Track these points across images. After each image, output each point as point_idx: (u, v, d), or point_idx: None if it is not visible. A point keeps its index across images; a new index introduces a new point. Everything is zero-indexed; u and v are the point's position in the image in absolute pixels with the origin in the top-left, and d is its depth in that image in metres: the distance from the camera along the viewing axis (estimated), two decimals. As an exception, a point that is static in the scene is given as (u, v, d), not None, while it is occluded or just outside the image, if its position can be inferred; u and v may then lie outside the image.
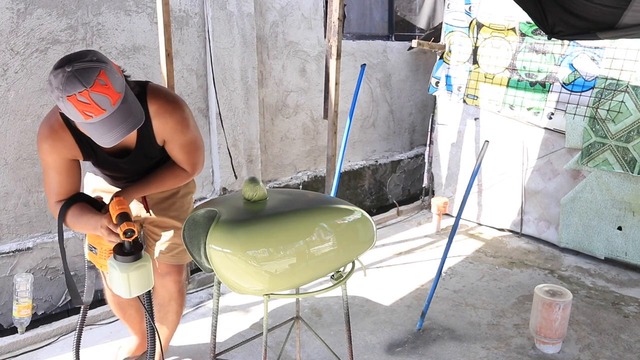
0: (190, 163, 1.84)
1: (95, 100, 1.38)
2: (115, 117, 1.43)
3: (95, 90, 1.37)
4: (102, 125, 1.43)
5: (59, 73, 1.38)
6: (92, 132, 1.45)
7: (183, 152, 1.81)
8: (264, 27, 3.69)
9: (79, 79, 1.36)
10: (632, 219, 3.39)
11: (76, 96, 1.37)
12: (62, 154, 1.64)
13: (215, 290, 1.76)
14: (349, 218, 1.56)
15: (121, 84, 1.46)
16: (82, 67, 1.38)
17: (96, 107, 1.39)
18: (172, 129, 1.73)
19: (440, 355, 2.51)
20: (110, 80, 1.41)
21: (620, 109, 3.30)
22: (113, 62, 1.50)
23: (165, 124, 1.72)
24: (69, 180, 1.69)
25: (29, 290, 2.58)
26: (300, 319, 2.06)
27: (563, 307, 2.44)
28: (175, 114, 1.72)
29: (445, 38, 4.20)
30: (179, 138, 1.76)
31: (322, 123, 4.22)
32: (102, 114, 1.40)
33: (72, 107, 1.39)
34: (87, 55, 1.42)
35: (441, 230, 4.15)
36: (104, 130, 1.43)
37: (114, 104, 1.42)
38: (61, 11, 2.74)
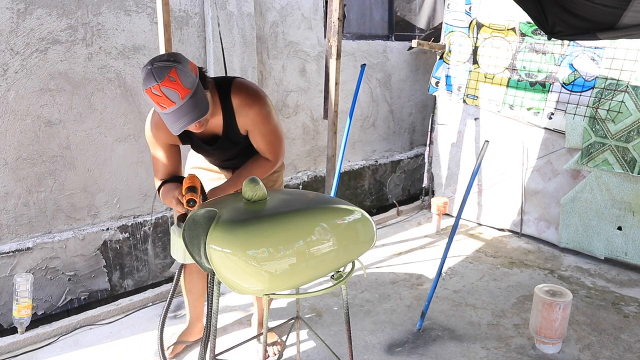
0: (272, 152, 2.04)
1: (165, 93, 1.62)
2: (183, 109, 1.66)
3: (165, 85, 1.61)
4: (173, 115, 1.66)
5: (144, 70, 1.64)
6: (166, 121, 1.70)
7: (264, 142, 2.01)
8: (264, 27, 3.69)
9: (154, 75, 1.61)
10: (632, 219, 3.39)
11: (151, 89, 1.62)
12: (164, 140, 1.94)
13: (215, 290, 1.76)
14: (349, 218, 1.56)
15: (192, 82, 1.67)
16: (159, 66, 1.62)
17: (166, 100, 1.63)
18: (253, 120, 1.95)
19: (440, 355, 2.51)
20: (180, 77, 1.63)
21: (620, 109, 3.30)
22: (192, 62, 1.73)
23: (246, 115, 1.93)
24: (170, 162, 1.98)
25: (29, 290, 2.58)
26: (300, 319, 2.06)
27: (563, 307, 2.44)
28: (255, 107, 1.93)
29: (445, 38, 4.20)
30: (259, 128, 1.97)
31: (322, 123, 4.22)
32: (172, 106, 1.64)
33: (149, 98, 1.65)
34: (169, 56, 1.67)
35: (441, 230, 4.15)
36: (174, 119, 1.67)
37: (182, 98, 1.64)
38: (61, 11, 2.74)
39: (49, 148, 2.83)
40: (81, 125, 2.92)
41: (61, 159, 2.88)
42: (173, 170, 1.99)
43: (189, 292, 2.44)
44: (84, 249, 3.00)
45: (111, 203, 3.12)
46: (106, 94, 2.98)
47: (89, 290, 3.08)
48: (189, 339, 2.51)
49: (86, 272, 3.04)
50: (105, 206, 3.10)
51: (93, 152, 2.99)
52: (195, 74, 1.72)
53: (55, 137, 2.84)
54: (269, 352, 2.49)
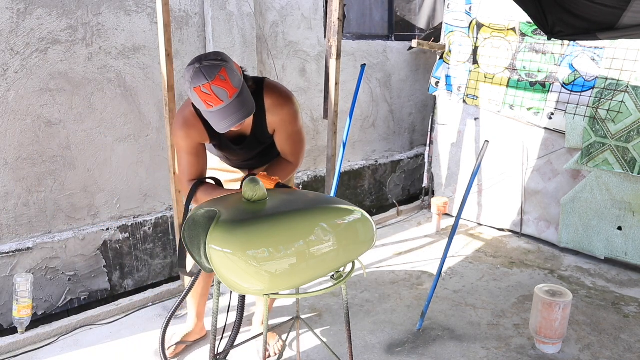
0: (295, 153, 2.08)
1: (215, 92, 1.63)
2: (230, 108, 1.67)
3: (216, 84, 1.62)
4: (220, 113, 1.67)
5: (191, 68, 1.65)
6: (211, 119, 1.70)
7: (289, 142, 2.04)
8: (264, 27, 3.69)
9: (204, 73, 1.62)
10: (632, 219, 3.39)
11: (200, 88, 1.63)
12: (194, 139, 1.92)
13: (215, 290, 1.76)
14: (349, 218, 1.56)
15: (239, 81, 1.69)
16: (208, 65, 1.64)
17: (215, 98, 1.64)
18: (282, 120, 1.97)
19: (440, 355, 2.51)
20: (229, 76, 1.65)
21: (620, 109, 3.30)
22: (235, 63, 1.74)
23: (277, 115, 1.96)
24: (199, 161, 1.96)
25: (29, 290, 2.58)
26: (300, 319, 2.06)
27: (563, 307, 2.44)
28: (286, 107, 1.96)
29: (445, 38, 4.20)
30: (287, 129, 2.00)
31: (322, 123, 4.22)
32: (220, 104, 1.65)
33: (197, 96, 1.65)
34: (216, 55, 1.69)
35: (441, 230, 4.15)
36: (221, 118, 1.68)
37: (230, 97, 1.65)
38: (61, 11, 2.74)
39: (49, 148, 2.83)
40: (81, 125, 2.92)
41: (61, 159, 2.88)
42: (203, 170, 1.99)
43: (192, 291, 2.44)
44: (84, 249, 3.00)
45: (111, 203, 3.12)
46: (106, 94, 2.98)
47: (89, 290, 3.08)
48: (190, 339, 2.51)
49: (86, 272, 3.04)
50: (105, 206, 3.10)
51: (93, 152, 2.99)
52: (241, 74, 1.74)
53: (55, 137, 2.84)
54: (270, 352, 2.50)
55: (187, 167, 1.95)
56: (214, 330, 1.81)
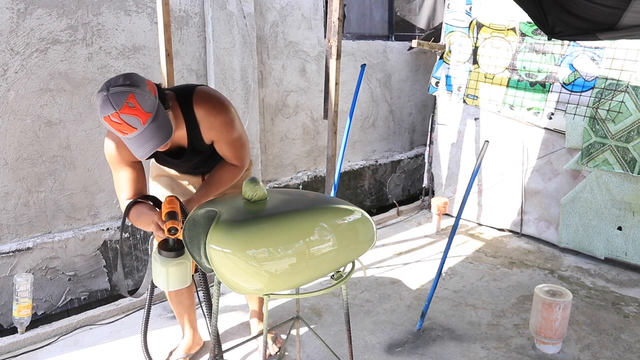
0: (238, 157, 2.02)
1: (125, 120, 1.55)
2: (146, 134, 1.60)
3: (125, 112, 1.54)
4: (137, 140, 1.60)
5: (99, 96, 1.56)
6: (129, 145, 1.63)
7: (230, 149, 1.98)
8: (264, 27, 3.69)
9: (111, 102, 1.53)
10: (632, 219, 3.39)
11: (110, 117, 1.55)
12: (127, 158, 1.83)
13: (215, 290, 1.76)
14: (349, 218, 1.56)
15: (151, 105, 1.60)
16: (115, 92, 1.54)
17: (127, 126, 1.56)
18: (218, 130, 1.90)
19: (440, 355, 2.51)
20: (139, 102, 1.56)
21: (620, 109, 3.30)
22: (149, 82, 1.65)
23: (211, 127, 1.88)
24: (135, 180, 1.88)
25: (29, 290, 2.58)
26: (300, 319, 2.06)
27: (563, 307, 2.44)
28: (219, 117, 1.88)
29: (445, 38, 4.20)
30: (225, 137, 1.93)
31: (322, 123, 4.22)
32: (134, 132, 1.58)
33: (109, 125, 1.58)
34: (125, 79, 1.59)
35: (441, 230, 4.15)
36: (138, 145, 1.61)
37: (144, 123, 1.58)
38: (61, 11, 2.74)
39: (49, 148, 2.83)
40: (81, 125, 2.92)
41: (61, 159, 2.88)
42: (139, 188, 1.89)
43: (178, 303, 2.36)
44: (84, 249, 3.00)
45: (111, 203, 3.12)
46: (106, 94, 2.98)
47: (89, 290, 3.08)
48: (192, 352, 2.45)
49: (86, 272, 3.04)
50: (105, 206, 3.10)
51: (93, 152, 2.99)
52: (155, 95, 1.64)
53: (55, 137, 2.84)
54: (269, 351, 2.50)
55: (124, 185, 1.87)
56: (214, 330, 1.81)
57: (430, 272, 3.39)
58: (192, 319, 2.45)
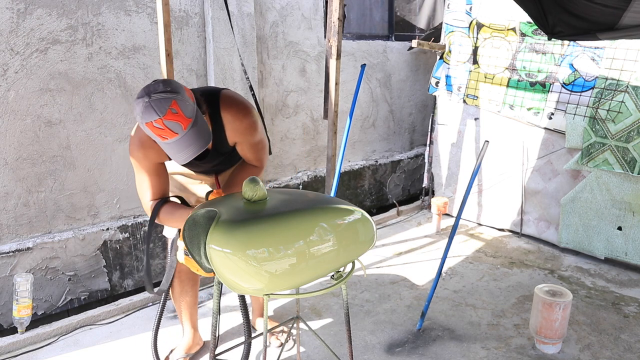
0: (259, 159, 2.08)
1: (168, 126, 1.59)
2: (186, 139, 1.63)
3: (168, 118, 1.58)
4: (177, 145, 1.64)
5: (140, 102, 1.59)
6: (168, 151, 1.67)
7: (252, 151, 2.04)
8: (264, 27, 3.69)
9: (154, 108, 1.57)
10: (632, 219, 3.39)
11: (152, 123, 1.59)
12: (153, 159, 1.86)
13: (216, 290, 1.76)
14: (349, 218, 1.56)
15: (192, 110, 1.65)
16: (158, 98, 1.58)
17: (169, 132, 1.60)
18: (242, 133, 1.96)
19: (440, 355, 2.51)
20: (181, 108, 1.60)
21: (620, 109, 3.30)
22: (186, 88, 1.70)
23: (236, 129, 1.94)
24: (160, 181, 1.91)
25: (29, 290, 2.58)
26: (300, 319, 2.06)
27: (563, 307, 2.44)
28: (245, 120, 1.94)
29: (445, 38, 4.20)
30: (248, 140, 1.99)
31: (322, 123, 4.22)
32: (175, 137, 1.62)
33: (150, 131, 1.62)
34: (164, 85, 1.63)
35: (441, 230, 4.15)
36: (178, 149, 1.65)
37: (185, 128, 1.62)
38: (61, 11, 2.74)
39: (49, 148, 2.83)
40: (81, 125, 2.92)
41: (61, 159, 2.88)
42: (164, 190, 1.92)
43: (182, 302, 2.38)
44: (84, 249, 3.00)
45: (111, 203, 3.12)
46: (106, 94, 2.98)
47: (89, 290, 3.08)
48: (191, 352, 2.46)
49: (86, 272, 3.04)
50: (105, 206, 3.10)
51: (93, 152, 2.99)
52: (193, 101, 1.68)
53: (55, 137, 2.84)
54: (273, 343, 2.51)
55: (148, 187, 1.89)
56: (214, 330, 1.81)
57: (430, 272, 3.39)
58: (194, 318, 2.46)
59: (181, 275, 2.30)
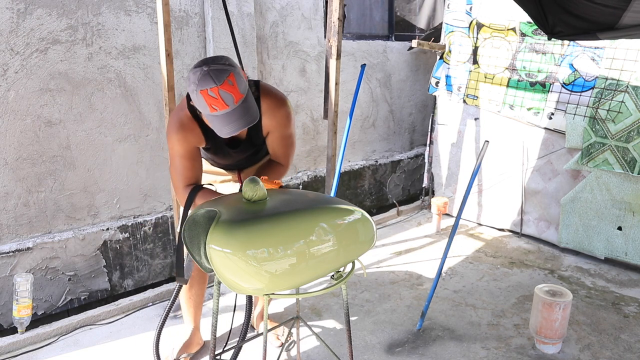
0: (286, 156, 2.09)
1: (222, 96, 1.64)
2: (235, 113, 1.67)
3: (224, 88, 1.63)
4: (224, 118, 1.67)
5: (198, 71, 1.65)
6: (214, 123, 1.70)
7: (282, 145, 2.05)
8: (264, 27, 3.69)
9: (212, 77, 1.63)
10: (632, 219, 3.39)
11: (207, 91, 1.63)
12: (191, 142, 1.89)
13: (215, 290, 1.76)
14: (349, 218, 1.56)
15: (245, 87, 1.70)
16: (217, 68, 1.64)
17: (221, 102, 1.64)
18: (277, 123, 1.98)
19: (440, 355, 2.51)
20: (237, 82, 1.66)
21: (620, 109, 3.30)
22: (241, 68, 1.75)
23: (272, 118, 1.96)
24: (195, 166, 1.93)
25: (29, 290, 2.58)
26: (300, 319, 2.06)
27: (563, 307, 2.44)
28: (282, 110, 1.97)
29: (445, 38, 4.20)
30: (281, 131, 2.01)
31: (322, 123, 4.22)
32: (225, 109, 1.65)
33: (203, 99, 1.65)
34: (222, 59, 1.69)
35: (441, 230, 4.15)
36: (224, 123, 1.68)
37: (236, 102, 1.66)
38: (61, 11, 2.74)
39: (49, 148, 2.83)
40: (81, 125, 2.92)
41: (61, 159, 2.88)
42: (199, 175, 1.96)
43: (188, 299, 2.40)
44: (84, 249, 3.00)
45: (111, 203, 3.12)
46: (106, 94, 2.98)
47: (89, 290, 3.08)
48: (191, 351, 2.46)
49: (86, 272, 3.04)
50: (105, 206, 3.10)
51: (93, 152, 2.99)
52: (246, 79, 1.74)
53: (55, 137, 2.84)
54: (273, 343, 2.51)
55: (183, 171, 1.91)
56: (214, 330, 1.81)
57: (430, 272, 3.39)
58: (197, 317, 2.47)
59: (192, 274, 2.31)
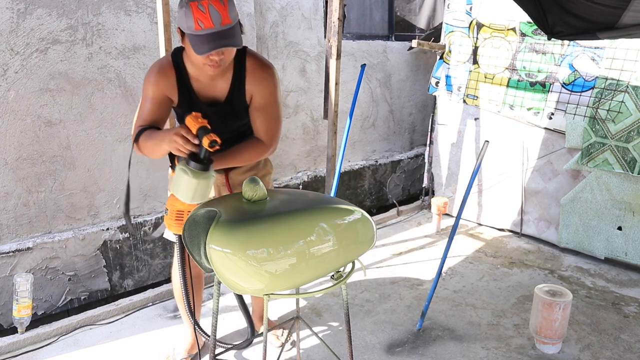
0: (269, 131, 1.96)
1: (210, 12, 1.61)
2: (219, 36, 1.64)
3: (214, 4, 1.62)
4: (206, 38, 1.64)
5: None
6: (195, 42, 1.67)
7: (264, 116, 1.95)
8: (264, 27, 3.69)
9: None
10: (632, 219, 3.39)
11: (197, 4, 1.62)
12: (163, 88, 1.86)
13: (215, 290, 1.76)
14: (349, 218, 1.56)
15: (235, 16, 1.69)
16: None
17: (208, 19, 1.62)
18: (262, 85, 1.91)
19: (440, 355, 2.51)
20: (229, 5, 1.65)
21: (620, 109, 3.30)
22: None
23: (257, 79, 1.90)
24: (157, 113, 1.87)
25: (29, 290, 2.58)
26: (300, 319, 2.06)
27: (563, 307, 2.44)
28: (267, 72, 1.93)
29: (445, 38, 4.20)
30: (265, 95, 1.93)
31: (322, 123, 4.22)
32: (210, 28, 1.63)
33: (190, 12, 1.62)
34: None
35: (441, 230, 4.15)
36: (205, 42, 1.65)
37: (223, 24, 1.64)
38: (61, 11, 2.74)
39: (49, 148, 2.83)
40: (81, 125, 2.92)
41: (61, 159, 2.88)
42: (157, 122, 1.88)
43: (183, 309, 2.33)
44: (84, 249, 3.00)
45: (111, 203, 3.12)
46: (106, 94, 2.98)
47: (89, 290, 3.08)
48: (193, 352, 2.44)
49: (86, 272, 3.04)
50: (105, 206, 3.10)
51: (93, 152, 2.99)
52: (238, 16, 1.72)
53: (55, 137, 2.84)
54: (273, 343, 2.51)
55: (144, 113, 1.87)
56: (214, 330, 1.81)
57: (430, 272, 3.39)
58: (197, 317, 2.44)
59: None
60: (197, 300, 2.40)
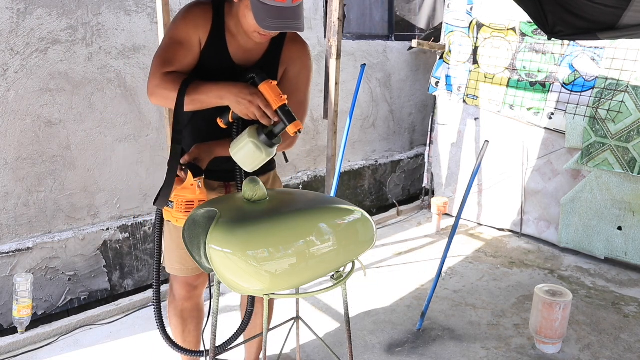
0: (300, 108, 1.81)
1: None
2: (287, 12, 1.52)
3: None
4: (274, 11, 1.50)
5: None
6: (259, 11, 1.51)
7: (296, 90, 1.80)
8: (264, 27, 3.69)
9: None
10: (632, 219, 3.39)
11: None
12: (199, 30, 1.66)
13: (215, 290, 1.76)
14: (349, 218, 1.56)
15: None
16: None
17: None
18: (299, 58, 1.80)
19: (440, 355, 2.51)
20: None
21: (620, 109, 3.30)
22: None
23: (295, 50, 1.79)
24: (189, 58, 1.67)
25: (29, 290, 2.58)
26: (300, 319, 2.06)
27: (563, 307, 2.44)
28: (306, 49, 1.83)
29: (445, 38, 4.20)
30: (298, 73, 1.81)
31: (322, 123, 4.22)
32: (281, 2, 1.50)
33: None
34: None
35: (441, 230, 4.15)
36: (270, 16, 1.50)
37: (294, 2, 1.52)
38: (61, 11, 2.74)
39: (49, 148, 2.83)
40: (81, 125, 2.92)
41: (61, 159, 2.88)
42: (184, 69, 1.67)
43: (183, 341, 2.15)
44: (84, 249, 3.00)
45: (111, 203, 3.12)
46: (106, 94, 2.98)
47: (89, 290, 3.08)
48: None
49: (86, 272, 3.04)
50: (105, 206, 3.10)
51: (93, 152, 2.99)
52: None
53: (55, 137, 2.84)
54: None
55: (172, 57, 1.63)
56: (214, 330, 1.81)
57: (430, 272, 3.39)
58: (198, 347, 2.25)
59: (184, 313, 2.13)
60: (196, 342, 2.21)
